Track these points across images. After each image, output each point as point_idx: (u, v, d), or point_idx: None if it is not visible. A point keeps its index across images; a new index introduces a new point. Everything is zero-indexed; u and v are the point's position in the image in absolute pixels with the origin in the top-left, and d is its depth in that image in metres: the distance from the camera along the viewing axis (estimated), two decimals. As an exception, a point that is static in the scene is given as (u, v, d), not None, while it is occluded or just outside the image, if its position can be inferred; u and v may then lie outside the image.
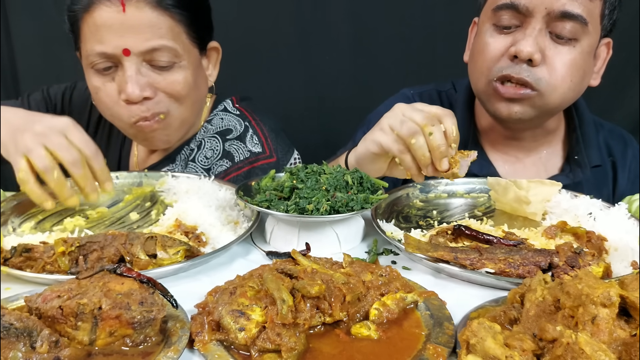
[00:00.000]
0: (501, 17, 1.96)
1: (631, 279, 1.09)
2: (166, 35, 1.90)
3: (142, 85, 1.88)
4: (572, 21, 1.89)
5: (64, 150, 1.53)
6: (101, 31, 1.86)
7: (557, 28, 1.90)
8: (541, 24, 1.90)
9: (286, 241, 1.59)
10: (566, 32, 1.91)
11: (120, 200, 1.86)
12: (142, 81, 1.89)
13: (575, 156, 2.20)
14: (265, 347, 1.06)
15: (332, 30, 3.57)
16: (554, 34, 1.92)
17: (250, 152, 2.13)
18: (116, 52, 1.86)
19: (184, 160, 2.13)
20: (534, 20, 1.90)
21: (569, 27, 1.90)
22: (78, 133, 1.58)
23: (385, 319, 1.19)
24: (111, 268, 1.15)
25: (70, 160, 1.53)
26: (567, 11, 1.87)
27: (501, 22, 1.97)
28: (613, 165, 2.29)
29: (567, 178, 2.15)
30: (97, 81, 1.94)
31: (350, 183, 1.59)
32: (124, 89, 1.88)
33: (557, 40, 1.93)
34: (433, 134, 1.61)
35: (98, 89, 1.95)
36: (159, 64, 1.91)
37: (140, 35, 1.86)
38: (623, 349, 0.97)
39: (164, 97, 1.95)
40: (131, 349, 1.05)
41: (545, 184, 1.80)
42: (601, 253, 1.55)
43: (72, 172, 1.55)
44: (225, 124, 2.20)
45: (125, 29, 1.84)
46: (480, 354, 0.97)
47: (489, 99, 2.06)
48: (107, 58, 1.88)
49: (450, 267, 1.41)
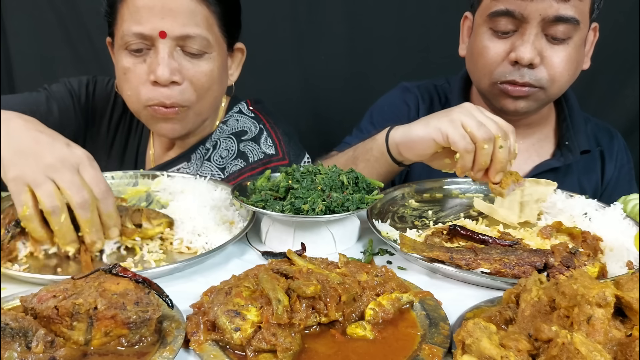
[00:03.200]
0: (498, 23, 2.05)
1: (626, 279, 1.09)
2: (201, 24, 1.94)
3: (172, 69, 1.90)
4: (566, 23, 1.99)
5: (74, 190, 1.39)
6: (141, 12, 1.88)
7: (552, 31, 2.00)
8: (537, 28, 1.99)
9: (282, 241, 1.58)
10: (560, 34, 2.01)
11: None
12: (173, 65, 1.91)
13: (566, 142, 2.31)
14: (261, 347, 1.06)
15: (327, 30, 3.58)
16: (549, 36, 2.02)
17: (264, 153, 2.15)
18: (153, 33, 1.88)
19: (199, 159, 2.14)
20: (529, 26, 1.99)
21: (562, 29, 2.00)
22: (92, 170, 1.44)
23: (380, 319, 1.19)
24: (107, 268, 1.15)
25: (79, 202, 1.40)
26: (561, 15, 1.97)
27: (498, 27, 2.05)
28: (601, 154, 2.42)
29: (558, 161, 2.28)
30: (128, 62, 1.95)
31: (345, 183, 1.59)
32: (155, 70, 1.90)
33: (552, 42, 2.03)
34: (503, 147, 1.65)
35: (127, 69, 1.96)
36: (190, 51, 1.94)
37: (177, 20, 1.89)
38: (618, 349, 0.97)
39: (188, 86, 1.96)
40: (127, 349, 1.05)
41: (540, 183, 1.80)
42: (596, 253, 1.55)
43: (78, 215, 1.41)
44: (240, 125, 2.22)
45: (165, 12, 1.87)
46: (475, 354, 0.97)
47: (495, 97, 2.16)
48: (142, 39, 1.90)
49: (446, 267, 1.42)
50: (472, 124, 1.67)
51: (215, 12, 1.98)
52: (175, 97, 1.94)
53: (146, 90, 1.94)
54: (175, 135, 2.08)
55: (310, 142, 2.50)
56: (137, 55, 1.94)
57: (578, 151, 2.28)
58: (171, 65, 1.90)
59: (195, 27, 1.92)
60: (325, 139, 2.49)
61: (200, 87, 1.99)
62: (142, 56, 1.94)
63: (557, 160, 2.29)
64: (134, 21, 1.90)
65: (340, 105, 3.66)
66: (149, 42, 1.91)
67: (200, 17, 1.93)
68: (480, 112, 1.70)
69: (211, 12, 1.97)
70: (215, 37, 2.00)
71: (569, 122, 2.33)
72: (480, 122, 1.66)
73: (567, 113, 2.35)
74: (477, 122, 1.67)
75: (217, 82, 2.05)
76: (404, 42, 3.56)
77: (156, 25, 1.88)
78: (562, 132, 2.34)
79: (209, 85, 2.01)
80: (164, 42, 1.89)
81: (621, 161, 2.43)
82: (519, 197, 1.77)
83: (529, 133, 2.34)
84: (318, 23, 3.56)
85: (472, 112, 1.70)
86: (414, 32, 3.54)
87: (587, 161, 2.35)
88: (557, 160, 2.29)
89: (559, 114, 2.39)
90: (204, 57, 1.97)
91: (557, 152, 2.33)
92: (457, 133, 1.68)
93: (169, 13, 1.88)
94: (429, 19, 3.51)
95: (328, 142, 2.49)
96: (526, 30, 2.00)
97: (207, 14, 1.95)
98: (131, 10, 1.90)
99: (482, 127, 1.65)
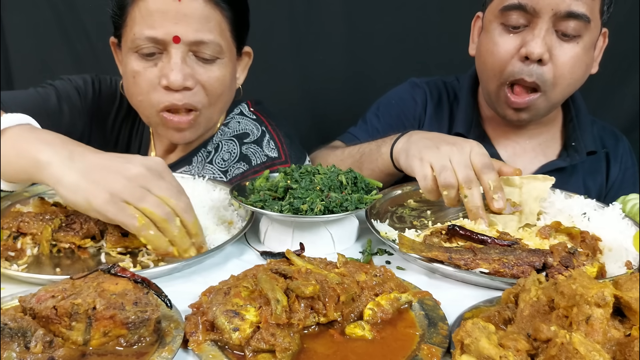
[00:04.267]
0: (509, 17, 2.05)
1: (625, 279, 1.09)
2: (214, 30, 1.92)
3: (185, 75, 1.89)
4: (577, 20, 1.98)
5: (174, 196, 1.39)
6: (154, 16, 1.86)
7: (563, 26, 2.00)
8: (548, 23, 1.99)
9: (280, 241, 1.58)
10: (571, 30, 2.00)
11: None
12: (186, 70, 1.89)
13: (572, 143, 2.31)
14: (260, 347, 1.06)
15: (325, 31, 3.57)
16: (559, 32, 2.02)
17: (267, 156, 2.13)
18: (166, 38, 1.87)
19: (201, 162, 2.12)
20: (541, 20, 1.99)
21: (573, 25, 1.99)
22: (172, 177, 1.46)
23: (379, 319, 1.19)
24: (105, 268, 1.15)
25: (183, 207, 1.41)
26: (572, 11, 1.97)
27: (509, 21, 2.05)
28: (606, 156, 2.43)
29: (564, 162, 2.28)
30: (138, 65, 1.93)
31: (344, 183, 1.60)
32: (167, 74, 1.88)
33: (562, 38, 2.03)
34: (467, 197, 1.66)
35: (137, 73, 1.94)
36: (203, 57, 1.93)
37: (191, 25, 1.87)
38: (617, 349, 0.97)
39: (200, 91, 1.95)
40: (125, 349, 1.05)
41: (537, 179, 1.79)
42: (595, 253, 1.55)
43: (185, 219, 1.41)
44: (242, 127, 2.20)
45: (179, 17, 1.86)
46: (474, 354, 0.97)
47: (498, 104, 2.18)
48: (155, 43, 1.88)
49: (445, 267, 1.42)
50: (436, 167, 1.68)
51: (227, 17, 1.96)
52: (187, 99, 1.93)
53: (158, 95, 1.93)
54: (186, 142, 2.08)
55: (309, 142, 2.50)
56: (149, 59, 1.92)
57: (584, 152, 2.28)
58: (184, 71, 1.89)
59: (209, 33, 1.90)
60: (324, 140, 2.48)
61: (213, 92, 1.97)
62: (153, 60, 1.92)
63: (563, 160, 2.29)
64: (147, 25, 1.87)
65: (339, 105, 3.66)
66: (161, 47, 1.89)
67: (213, 22, 1.92)
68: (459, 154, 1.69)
69: (224, 17, 1.95)
70: (227, 42, 1.99)
71: (576, 123, 2.34)
72: (444, 167, 1.67)
73: (573, 114, 2.35)
74: (441, 165, 1.67)
75: (228, 87, 2.04)
76: (403, 43, 3.55)
77: (170, 30, 1.86)
78: (569, 132, 2.34)
79: (221, 90, 2.00)
80: (178, 47, 1.87)
81: (626, 164, 2.44)
82: (517, 197, 1.76)
83: (535, 133, 2.34)
84: (316, 24, 3.56)
85: (451, 154, 1.69)
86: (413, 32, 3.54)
87: (592, 162, 2.35)
88: (563, 161, 2.29)
89: (566, 114, 2.39)
90: (216, 62, 1.96)
91: (563, 153, 2.33)
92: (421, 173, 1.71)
93: (182, 18, 1.86)
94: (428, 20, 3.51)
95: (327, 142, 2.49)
96: (537, 24, 1.99)
97: (220, 20, 1.94)
98: (143, 13, 1.88)
99: (443, 172, 1.67)
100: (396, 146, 1.88)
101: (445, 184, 1.67)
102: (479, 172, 1.67)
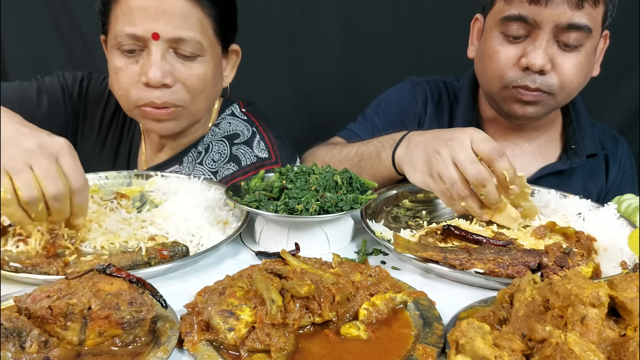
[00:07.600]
0: (510, 27, 2.03)
1: (620, 279, 1.09)
2: (195, 27, 1.93)
3: (164, 72, 1.90)
4: (578, 31, 1.97)
5: (49, 180, 1.38)
6: (134, 13, 1.88)
7: (564, 38, 1.99)
8: (549, 35, 1.98)
9: (275, 241, 1.58)
10: (572, 41, 1.99)
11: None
12: (165, 67, 1.90)
13: (572, 145, 2.30)
14: (255, 347, 1.06)
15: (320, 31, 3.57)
16: (561, 43, 2.00)
17: (257, 157, 2.13)
18: (146, 34, 1.88)
19: (191, 162, 2.13)
20: (542, 32, 1.97)
21: (574, 36, 1.98)
22: (72, 160, 1.43)
23: (374, 319, 1.19)
24: (101, 268, 1.14)
25: (53, 194, 1.39)
26: (574, 23, 1.95)
27: (510, 32, 2.04)
28: (606, 158, 2.41)
29: (563, 164, 2.27)
30: (120, 62, 1.95)
31: (339, 183, 1.60)
32: (147, 71, 1.89)
33: (564, 48, 2.01)
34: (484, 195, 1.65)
35: (119, 69, 1.95)
36: (183, 53, 1.93)
37: (171, 22, 1.88)
38: (612, 349, 0.97)
39: (181, 88, 1.96)
40: (120, 349, 1.05)
41: None
42: (590, 253, 1.55)
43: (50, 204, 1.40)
44: (232, 128, 2.20)
45: (158, 14, 1.87)
46: (469, 354, 0.98)
47: (503, 101, 2.15)
48: (135, 40, 1.90)
49: (440, 267, 1.42)
50: (446, 181, 1.66)
51: (209, 15, 1.97)
52: (166, 98, 1.94)
53: (137, 90, 1.94)
54: (168, 133, 2.07)
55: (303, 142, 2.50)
56: (130, 56, 1.93)
57: (584, 154, 2.28)
58: (163, 68, 1.89)
59: (189, 30, 1.91)
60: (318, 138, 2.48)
61: (193, 89, 1.98)
62: (134, 57, 1.93)
63: (562, 163, 2.28)
64: (127, 22, 1.89)
65: (334, 105, 3.66)
66: (142, 44, 1.90)
67: (194, 20, 1.92)
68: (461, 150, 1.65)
69: (205, 15, 1.95)
70: (209, 40, 1.99)
71: (576, 125, 2.33)
72: (452, 181, 1.65)
73: (573, 116, 2.34)
74: (450, 180, 1.65)
75: (210, 84, 2.04)
76: (398, 43, 3.55)
77: (149, 27, 1.87)
78: (569, 135, 2.33)
79: (202, 87, 2.00)
80: (157, 44, 1.88)
81: (624, 166, 2.44)
82: None
83: (535, 135, 2.33)
84: (311, 24, 3.55)
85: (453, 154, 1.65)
86: (408, 32, 3.54)
87: (592, 165, 2.35)
88: (562, 163, 2.28)
89: (566, 117, 2.38)
90: (196, 59, 1.96)
91: (563, 155, 2.32)
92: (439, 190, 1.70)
93: (162, 15, 1.87)
94: (423, 20, 3.51)
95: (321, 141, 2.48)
96: (538, 36, 1.98)
97: (201, 17, 1.94)
98: (125, 10, 1.90)
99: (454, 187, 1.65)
100: (397, 154, 1.86)
101: (459, 197, 1.66)
102: (490, 161, 1.63)
